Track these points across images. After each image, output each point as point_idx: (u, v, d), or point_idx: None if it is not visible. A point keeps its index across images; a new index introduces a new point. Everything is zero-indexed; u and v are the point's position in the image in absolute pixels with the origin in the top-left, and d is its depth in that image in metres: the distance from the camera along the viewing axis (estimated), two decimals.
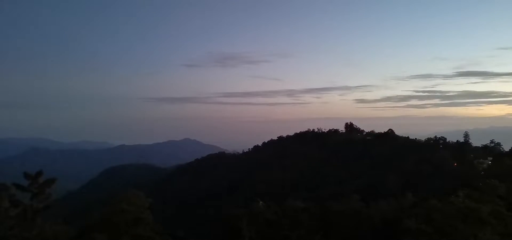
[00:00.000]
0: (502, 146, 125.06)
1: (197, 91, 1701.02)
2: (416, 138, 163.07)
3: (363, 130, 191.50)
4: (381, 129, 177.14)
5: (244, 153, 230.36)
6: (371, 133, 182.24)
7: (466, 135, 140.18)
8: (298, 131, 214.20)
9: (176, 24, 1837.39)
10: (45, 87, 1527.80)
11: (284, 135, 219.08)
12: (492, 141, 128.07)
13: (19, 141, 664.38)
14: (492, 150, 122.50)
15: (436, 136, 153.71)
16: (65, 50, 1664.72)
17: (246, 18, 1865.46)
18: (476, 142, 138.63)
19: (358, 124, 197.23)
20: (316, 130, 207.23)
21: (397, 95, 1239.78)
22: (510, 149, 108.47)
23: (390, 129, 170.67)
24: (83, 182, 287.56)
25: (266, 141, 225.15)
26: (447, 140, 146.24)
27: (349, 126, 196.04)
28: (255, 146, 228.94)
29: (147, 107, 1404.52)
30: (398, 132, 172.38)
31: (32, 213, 31.29)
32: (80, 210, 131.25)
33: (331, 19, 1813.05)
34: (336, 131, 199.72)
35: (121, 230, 35.15)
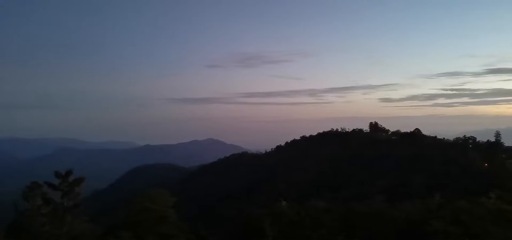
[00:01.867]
0: None
1: (219, 92, 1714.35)
2: (444, 138, 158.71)
3: (388, 130, 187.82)
4: (407, 128, 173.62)
5: (266, 153, 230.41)
6: (397, 133, 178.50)
7: (497, 135, 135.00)
8: (320, 131, 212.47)
9: (198, 26, 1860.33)
10: (75, 90, 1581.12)
11: (307, 135, 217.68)
12: None
13: (50, 141, 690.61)
14: None
15: (465, 135, 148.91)
16: (93, 54, 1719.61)
17: (267, 18, 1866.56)
18: (508, 141, 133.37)
19: (382, 123, 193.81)
20: (339, 130, 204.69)
21: (424, 94, 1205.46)
22: None
23: (416, 129, 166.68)
24: (110, 181, 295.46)
25: (288, 141, 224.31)
26: (477, 140, 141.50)
27: (374, 126, 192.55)
28: (277, 146, 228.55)
29: (171, 108, 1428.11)
30: (425, 131, 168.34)
31: (62, 211, 32.47)
32: (107, 208, 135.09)
33: (354, 16, 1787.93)
34: (360, 130, 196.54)
35: (146, 228, 35.91)
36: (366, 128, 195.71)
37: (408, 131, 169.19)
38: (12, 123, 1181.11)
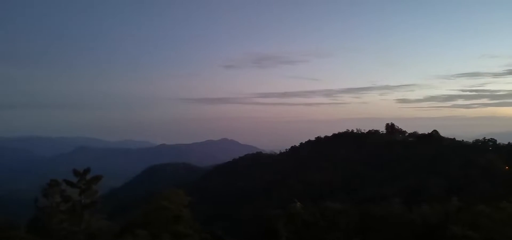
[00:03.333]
0: None
1: (234, 92, 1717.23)
2: (462, 140, 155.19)
3: (405, 131, 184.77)
4: (425, 130, 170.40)
5: (281, 154, 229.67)
6: (414, 134, 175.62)
7: None
8: (336, 132, 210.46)
9: (214, 26, 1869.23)
10: (93, 90, 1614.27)
11: (322, 135, 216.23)
12: None
13: (70, 140, 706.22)
14: None
15: (484, 137, 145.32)
16: (111, 55, 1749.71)
17: (283, 19, 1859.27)
18: None
19: (399, 124, 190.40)
20: (355, 131, 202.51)
21: (442, 95, 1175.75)
22: None
23: (434, 130, 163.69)
24: (126, 179, 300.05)
25: (303, 142, 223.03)
26: (497, 142, 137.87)
27: (390, 127, 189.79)
28: (292, 147, 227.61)
29: (186, 108, 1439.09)
30: (443, 133, 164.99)
31: (80, 208, 33.18)
32: (123, 206, 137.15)
33: (370, 16, 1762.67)
34: (376, 131, 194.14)
35: (162, 227, 36.33)
36: (382, 129, 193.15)
37: (426, 133, 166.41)
38: (33, 121, 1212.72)
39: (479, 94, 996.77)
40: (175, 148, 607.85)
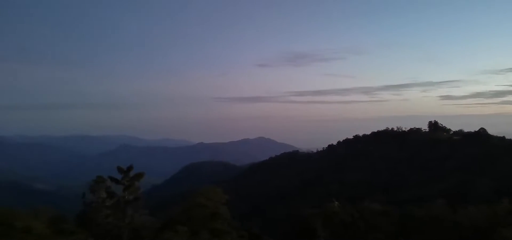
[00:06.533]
0: None
1: (269, 90, 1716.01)
2: None
3: (449, 129, 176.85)
4: (471, 128, 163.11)
5: (317, 152, 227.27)
6: (459, 133, 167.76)
7: None
8: (375, 130, 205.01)
9: (248, 25, 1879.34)
10: (134, 90, 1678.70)
11: (360, 134, 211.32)
12: None
13: (113, 138, 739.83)
14: None
15: None
16: (148, 56, 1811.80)
17: (317, 16, 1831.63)
18: None
19: (443, 122, 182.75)
20: (395, 129, 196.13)
21: (490, 91, 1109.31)
22: None
23: (481, 128, 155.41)
24: (166, 177, 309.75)
25: (340, 140, 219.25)
26: None
27: (433, 125, 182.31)
28: (329, 145, 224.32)
29: (223, 107, 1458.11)
30: (491, 131, 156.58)
31: (124, 203, 34.61)
32: (163, 203, 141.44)
33: (410, 10, 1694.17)
34: (418, 130, 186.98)
35: (200, 224, 37.09)
36: (424, 127, 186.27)
37: (472, 131, 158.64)
38: (81, 121, 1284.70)
39: None
40: (212, 146, 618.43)
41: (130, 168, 34.99)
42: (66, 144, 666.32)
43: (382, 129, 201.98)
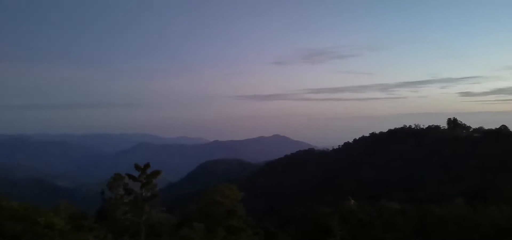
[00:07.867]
0: None
1: (285, 88, 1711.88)
2: None
3: (469, 127, 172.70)
4: (492, 125, 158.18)
5: (333, 150, 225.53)
6: (480, 130, 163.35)
7: None
8: (392, 128, 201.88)
9: (263, 23, 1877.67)
10: (151, 89, 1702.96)
11: (377, 131, 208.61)
12: None
13: (129, 137, 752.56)
14: None
15: None
16: (164, 56, 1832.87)
17: (333, 13, 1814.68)
18: None
19: (463, 119, 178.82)
20: (413, 127, 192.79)
21: None
22: None
23: (503, 126, 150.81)
24: (182, 174, 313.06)
25: (357, 138, 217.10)
26: None
27: (453, 122, 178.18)
28: (345, 143, 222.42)
29: (238, 105, 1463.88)
30: None
31: (142, 200, 35.17)
32: (180, 200, 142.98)
33: (429, 4, 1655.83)
34: (436, 127, 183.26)
35: (216, 221, 37.38)
36: (443, 124, 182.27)
37: (493, 128, 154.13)
38: (100, 120, 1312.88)
39: None
40: (228, 144, 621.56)
41: (147, 165, 35.47)
42: (85, 142, 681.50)
43: (399, 126, 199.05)
